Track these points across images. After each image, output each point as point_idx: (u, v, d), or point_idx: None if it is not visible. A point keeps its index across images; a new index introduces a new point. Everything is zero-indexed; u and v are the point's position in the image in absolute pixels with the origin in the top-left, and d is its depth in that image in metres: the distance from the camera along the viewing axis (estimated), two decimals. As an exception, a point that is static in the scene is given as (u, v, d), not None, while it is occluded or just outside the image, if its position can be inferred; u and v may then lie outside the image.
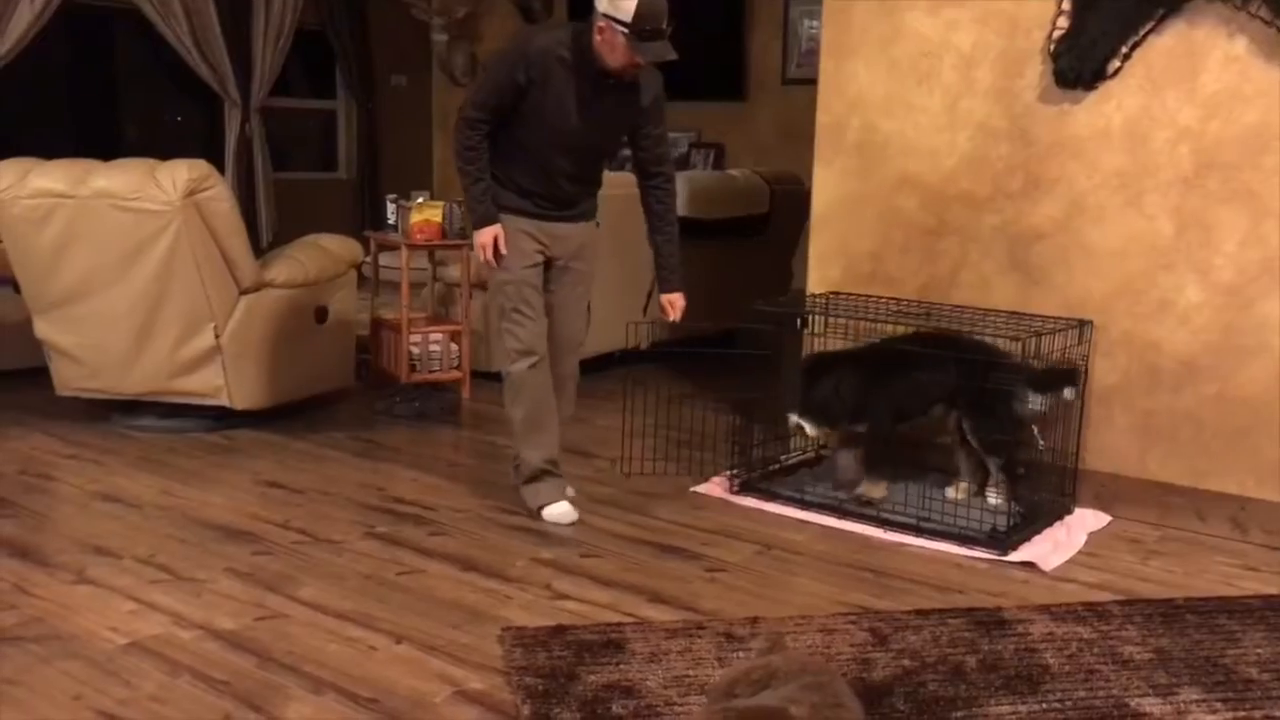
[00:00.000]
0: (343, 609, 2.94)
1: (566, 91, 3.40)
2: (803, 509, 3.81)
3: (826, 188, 4.43)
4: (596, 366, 5.23)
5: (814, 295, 4.33)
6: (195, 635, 2.75)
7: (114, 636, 2.73)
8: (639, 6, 3.20)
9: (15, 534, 3.41)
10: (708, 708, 2.03)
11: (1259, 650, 2.81)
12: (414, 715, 2.40)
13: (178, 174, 4.17)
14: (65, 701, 2.42)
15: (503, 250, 3.51)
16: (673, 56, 3.29)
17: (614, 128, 3.60)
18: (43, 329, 4.51)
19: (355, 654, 2.68)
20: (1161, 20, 3.66)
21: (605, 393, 4.81)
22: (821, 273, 4.45)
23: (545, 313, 3.65)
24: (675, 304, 3.70)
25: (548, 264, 3.63)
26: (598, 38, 3.31)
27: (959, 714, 2.44)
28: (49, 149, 4.57)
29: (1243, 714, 2.48)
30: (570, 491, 3.85)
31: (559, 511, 3.65)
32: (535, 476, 3.68)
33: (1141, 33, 3.69)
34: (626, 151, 3.76)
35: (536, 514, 3.67)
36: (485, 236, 3.51)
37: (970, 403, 3.68)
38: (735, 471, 4.04)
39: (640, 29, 3.22)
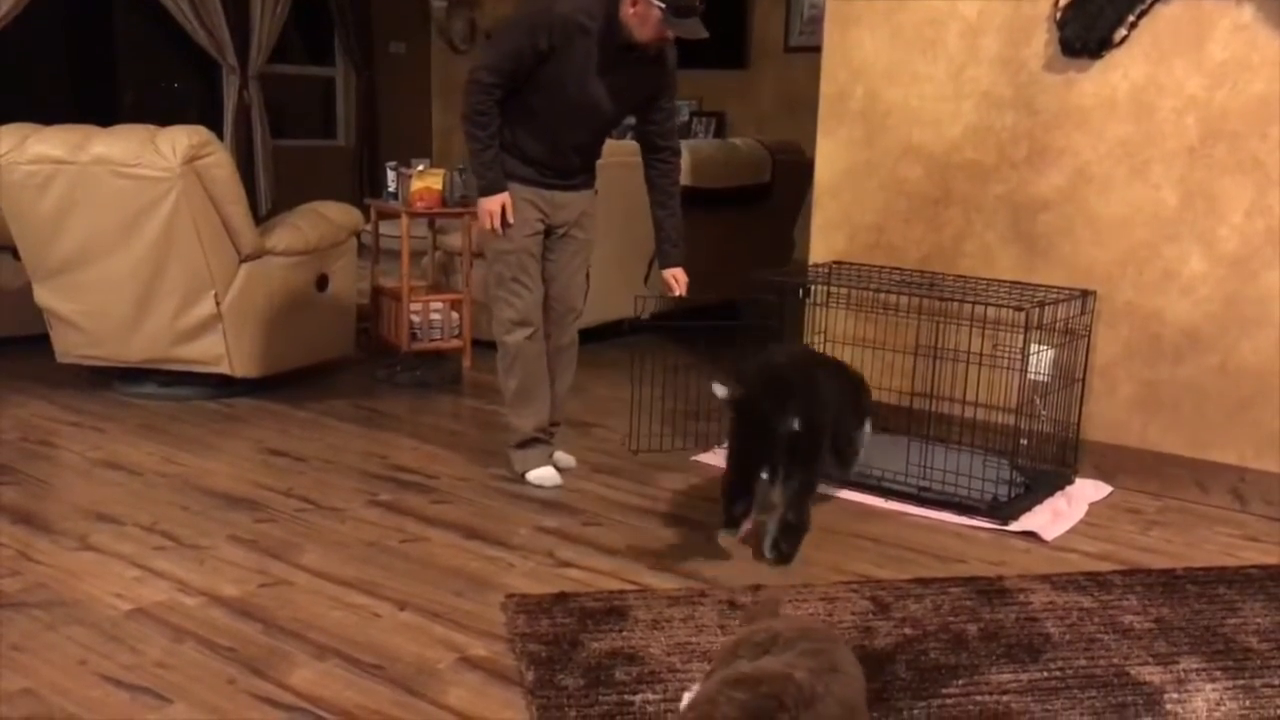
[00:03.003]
0: (346, 576, 2.94)
1: (587, 62, 3.34)
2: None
3: (830, 157, 4.40)
4: (596, 336, 5.23)
5: (816, 265, 4.32)
6: (199, 602, 2.76)
7: (118, 603, 2.74)
8: None
9: (18, 501, 3.41)
10: (713, 672, 2.04)
11: (1258, 620, 2.82)
12: (418, 681, 2.41)
13: (177, 140, 4.14)
14: (70, 667, 2.43)
15: (509, 220, 3.48)
16: (705, 35, 3.24)
17: (631, 101, 3.53)
18: (43, 296, 4.49)
19: (359, 621, 2.69)
20: (1169, -12, 3.63)
21: (606, 362, 4.82)
22: (824, 242, 4.44)
23: (543, 281, 3.65)
24: (679, 279, 3.67)
25: (547, 232, 3.61)
26: (630, 10, 3.25)
27: (960, 682, 2.45)
28: (47, 115, 4.54)
29: (1242, 682, 2.50)
30: (571, 461, 3.85)
31: (543, 474, 3.69)
32: (525, 443, 3.71)
33: (1148, 0, 3.66)
34: (629, 121, 3.72)
35: (521, 478, 3.70)
36: (492, 204, 3.47)
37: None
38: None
39: (676, 4, 3.19)
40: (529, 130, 3.46)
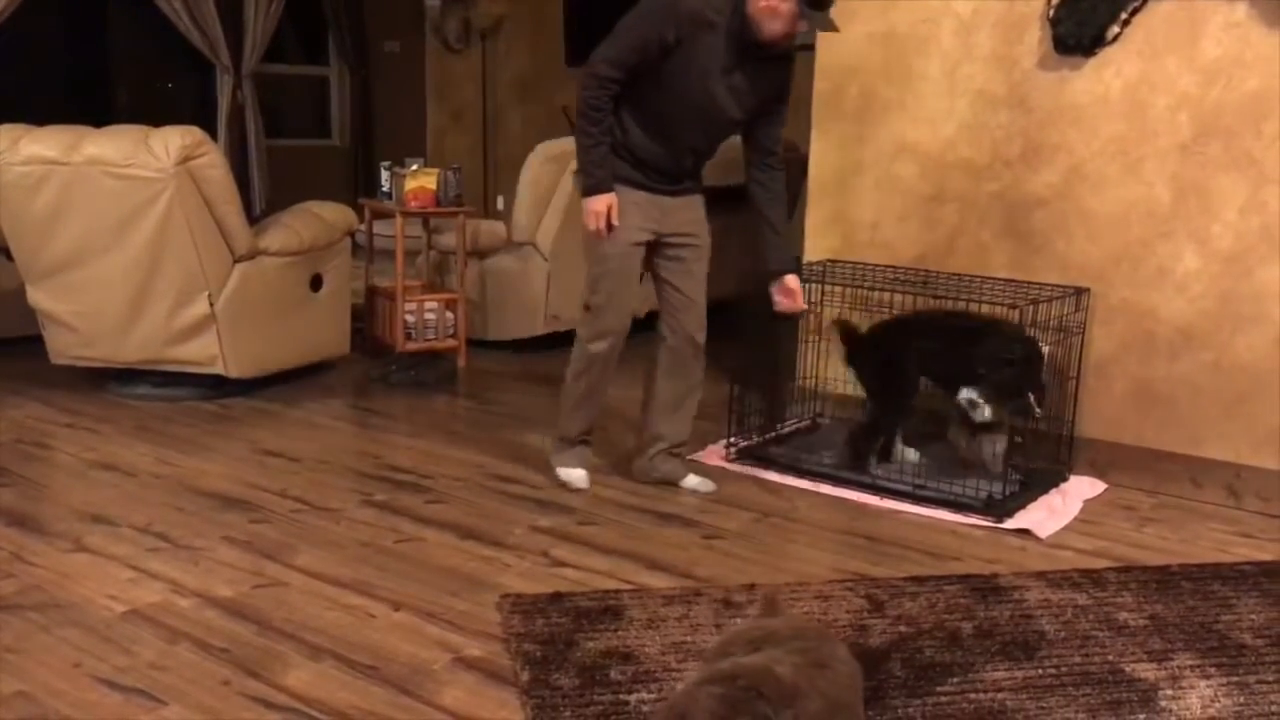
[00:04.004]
0: (341, 577, 2.94)
1: (712, 58, 3.21)
2: (798, 476, 3.82)
3: (824, 155, 4.40)
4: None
5: (811, 263, 4.32)
6: (193, 603, 2.76)
7: (112, 604, 2.73)
8: None
9: (13, 502, 3.41)
10: (702, 667, 2.04)
11: (1253, 616, 2.83)
12: (413, 682, 2.41)
13: (171, 141, 4.13)
14: (65, 669, 2.42)
15: (614, 221, 3.34)
16: (837, 29, 3.20)
17: (754, 101, 3.34)
18: (36, 297, 4.49)
19: (354, 621, 2.69)
20: (1162, -15, 3.64)
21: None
22: (819, 240, 4.44)
23: (669, 295, 3.54)
24: (799, 290, 3.57)
25: (656, 245, 3.47)
26: (761, 3, 3.13)
27: (955, 679, 2.45)
28: (41, 115, 4.53)
29: (1236, 679, 2.50)
30: (709, 486, 3.74)
31: (573, 475, 3.68)
32: (570, 441, 3.69)
33: (1142, -2, 3.66)
34: None
35: (552, 469, 3.70)
36: (599, 204, 3.32)
37: None
38: (732, 440, 4.04)
39: None
40: (644, 131, 3.33)
